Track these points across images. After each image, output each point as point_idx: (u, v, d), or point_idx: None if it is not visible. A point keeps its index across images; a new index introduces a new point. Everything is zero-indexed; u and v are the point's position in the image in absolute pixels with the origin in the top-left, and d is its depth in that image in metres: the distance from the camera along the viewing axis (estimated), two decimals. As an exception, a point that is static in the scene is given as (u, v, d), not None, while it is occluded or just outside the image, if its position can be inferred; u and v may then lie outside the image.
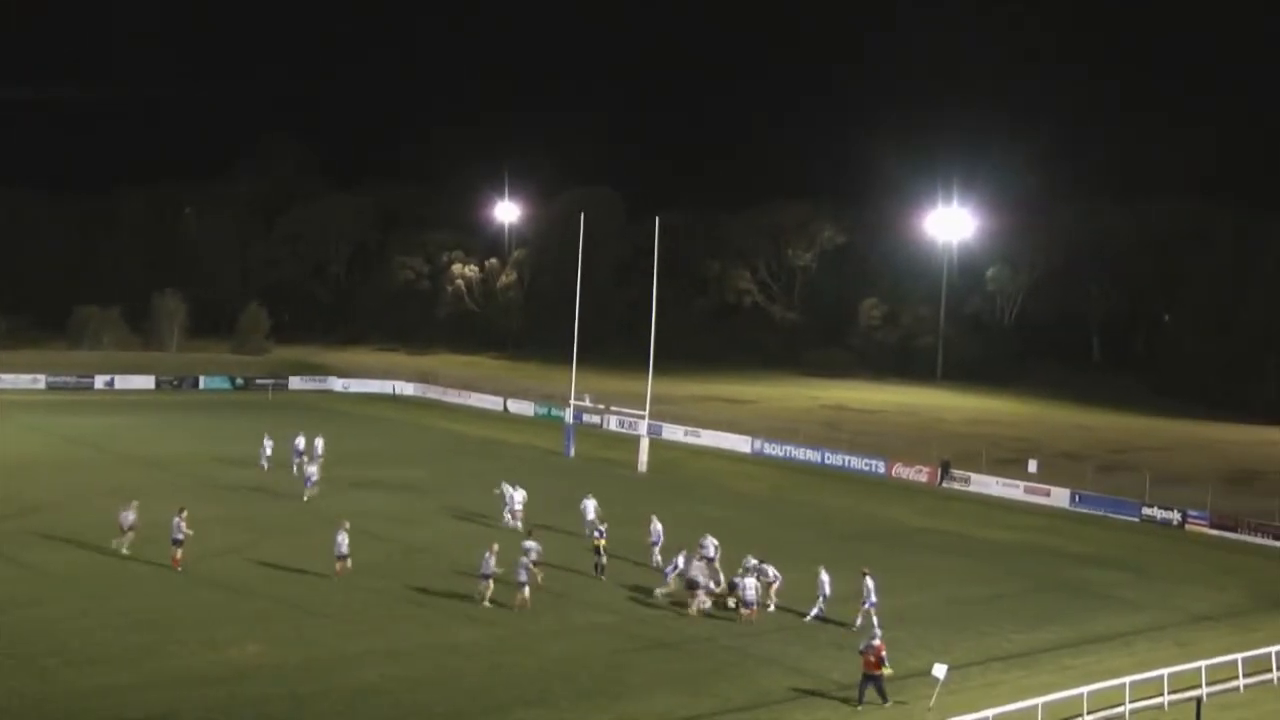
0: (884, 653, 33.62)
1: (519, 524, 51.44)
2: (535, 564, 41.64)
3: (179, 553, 43.36)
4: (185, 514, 44.02)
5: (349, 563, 42.95)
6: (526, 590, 40.15)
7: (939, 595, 45.34)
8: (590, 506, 51.79)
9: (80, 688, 31.78)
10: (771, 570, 42.08)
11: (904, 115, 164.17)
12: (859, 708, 33.17)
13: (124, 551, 44.63)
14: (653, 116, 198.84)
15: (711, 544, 44.66)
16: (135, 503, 46.04)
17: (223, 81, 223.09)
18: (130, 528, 45.07)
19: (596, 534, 46.46)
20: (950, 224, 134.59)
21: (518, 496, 52.75)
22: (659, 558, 45.90)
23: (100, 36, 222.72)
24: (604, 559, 45.33)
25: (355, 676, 33.49)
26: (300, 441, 64.64)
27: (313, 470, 58.80)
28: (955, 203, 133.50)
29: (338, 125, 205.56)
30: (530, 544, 42.13)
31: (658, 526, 47.58)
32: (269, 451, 65.10)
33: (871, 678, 33.47)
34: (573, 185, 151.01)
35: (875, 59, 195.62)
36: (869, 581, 40.25)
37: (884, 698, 33.36)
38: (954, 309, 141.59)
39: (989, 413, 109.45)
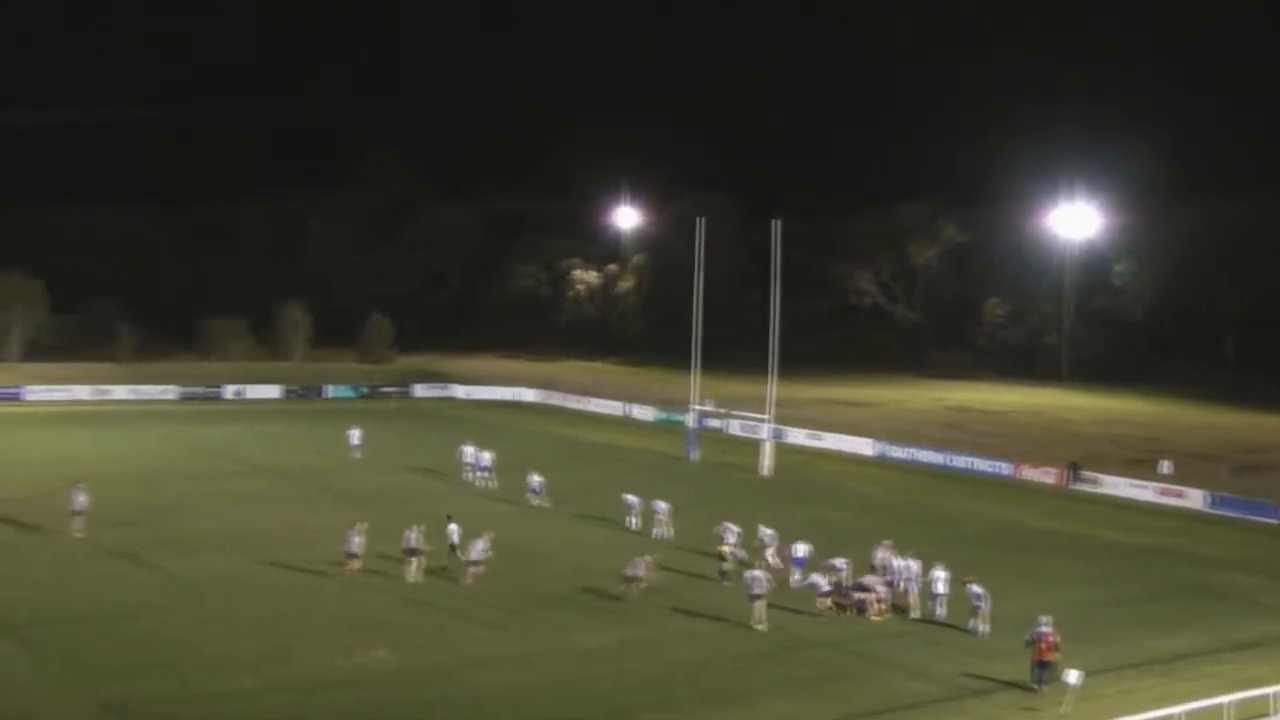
0: (1055, 638, 33.73)
1: (667, 532, 51.70)
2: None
3: (354, 565, 43.63)
4: (361, 526, 44.44)
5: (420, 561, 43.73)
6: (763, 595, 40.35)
7: (1067, 599, 44.50)
8: (662, 507, 52.64)
9: (212, 691, 32.43)
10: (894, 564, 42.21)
11: (1027, 111, 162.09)
12: (1042, 690, 33.40)
13: (76, 535, 47.74)
14: (770, 119, 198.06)
15: (802, 546, 45.39)
16: (82, 484, 49.35)
17: (337, 92, 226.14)
18: (78, 511, 48.31)
19: (727, 539, 46.52)
20: (1075, 220, 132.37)
21: (661, 506, 52.79)
22: (774, 560, 45.69)
23: (211, 51, 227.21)
24: (729, 565, 45.24)
25: (481, 681, 33.74)
26: (469, 451, 66.17)
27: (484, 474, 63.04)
28: (1080, 199, 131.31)
29: (455, 134, 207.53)
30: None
31: (766, 531, 47.38)
32: (468, 459, 66.09)
33: (1043, 664, 33.34)
34: (690, 190, 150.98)
35: (996, 55, 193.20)
36: (975, 588, 39.85)
37: (1034, 683, 33.64)
38: (1080, 307, 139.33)
39: (1116, 413, 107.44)
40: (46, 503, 53.64)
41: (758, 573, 40.41)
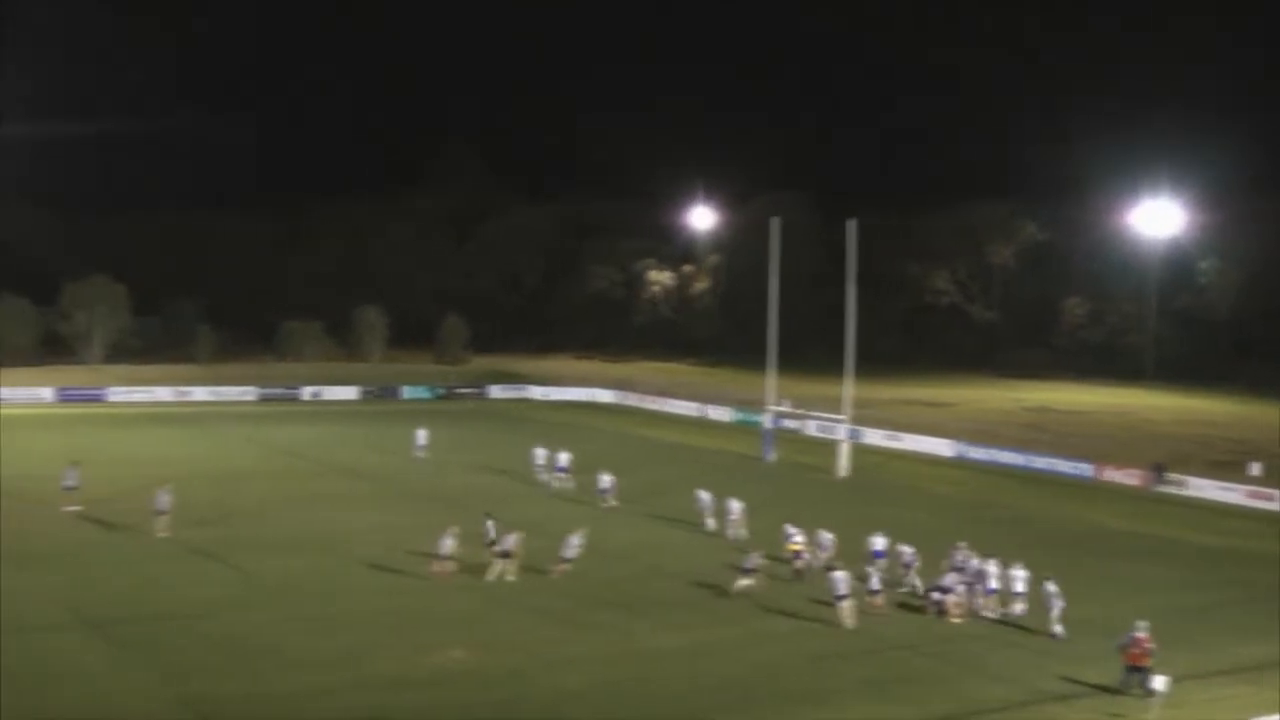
0: (1150, 645, 33.40)
1: (741, 533, 51.59)
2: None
3: (448, 567, 43.80)
4: (455, 530, 44.65)
5: (567, 566, 44.11)
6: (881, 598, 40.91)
7: (1151, 604, 43.70)
8: (736, 507, 52.40)
9: (289, 689, 32.64)
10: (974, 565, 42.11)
11: (1109, 105, 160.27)
12: (1142, 695, 32.86)
13: (161, 535, 48.69)
14: (845, 117, 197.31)
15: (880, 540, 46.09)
16: (168, 485, 50.28)
17: (414, 94, 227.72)
18: (163, 511, 49.14)
19: (787, 538, 46.53)
20: (1158, 218, 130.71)
21: (735, 506, 52.62)
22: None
23: (286, 53, 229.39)
24: (801, 564, 45.17)
25: (557, 683, 33.72)
26: (541, 453, 66.43)
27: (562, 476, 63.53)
28: (1163, 195, 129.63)
29: (530, 134, 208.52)
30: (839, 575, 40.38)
31: (826, 536, 47.00)
32: (540, 461, 66.29)
33: (1136, 669, 33.11)
34: (765, 189, 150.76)
35: (1078, 49, 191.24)
36: (1050, 587, 39.54)
37: (1124, 688, 33.27)
38: (1163, 305, 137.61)
39: (1201, 413, 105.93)
40: (128, 502, 54.44)
41: (840, 573, 40.16)
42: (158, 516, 49.60)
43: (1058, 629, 39.03)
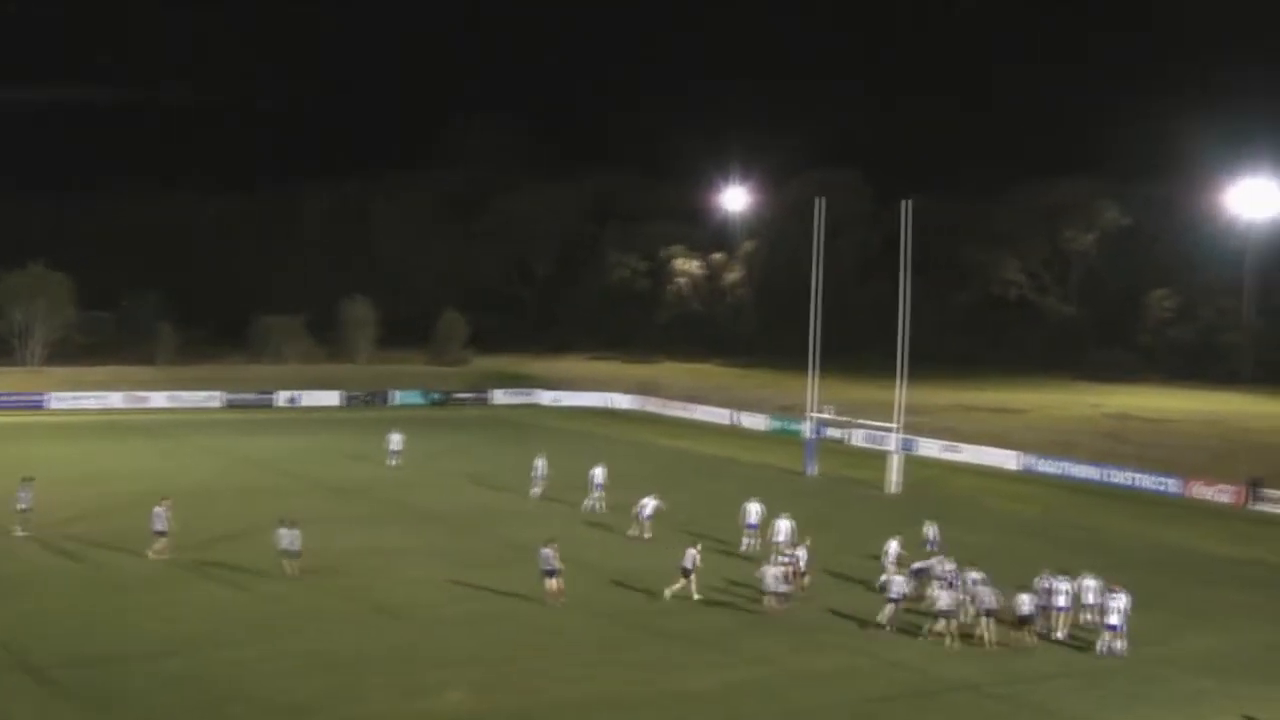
0: None
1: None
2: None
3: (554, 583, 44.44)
4: (556, 546, 45.03)
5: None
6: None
7: (1250, 639, 43.72)
8: (785, 527, 51.93)
9: (263, 738, 32.70)
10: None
11: (1201, 75, 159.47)
12: None
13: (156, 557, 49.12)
14: (900, 84, 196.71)
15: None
16: (167, 501, 50.61)
17: (412, 61, 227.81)
18: (161, 532, 49.56)
19: (786, 559, 46.91)
20: (1258, 199, 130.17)
21: (784, 526, 52.55)
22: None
23: (268, 15, 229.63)
24: (789, 588, 45.27)
25: (568, 728, 33.79)
26: (540, 465, 67.16)
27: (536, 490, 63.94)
28: (1263, 175, 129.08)
29: (541, 106, 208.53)
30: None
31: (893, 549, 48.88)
32: (540, 473, 66.84)
33: None
34: (810, 167, 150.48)
35: (1163, 12, 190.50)
36: (1120, 600, 40.62)
37: None
38: (1263, 299, 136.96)
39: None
40: (81, 525, 54.58)
41: (897, 577, 42.05)
42: (156, 538, 50.01)
43: (1119, 645, 40.25)
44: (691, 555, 45.88)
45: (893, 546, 48.58)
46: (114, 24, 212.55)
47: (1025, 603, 41.09)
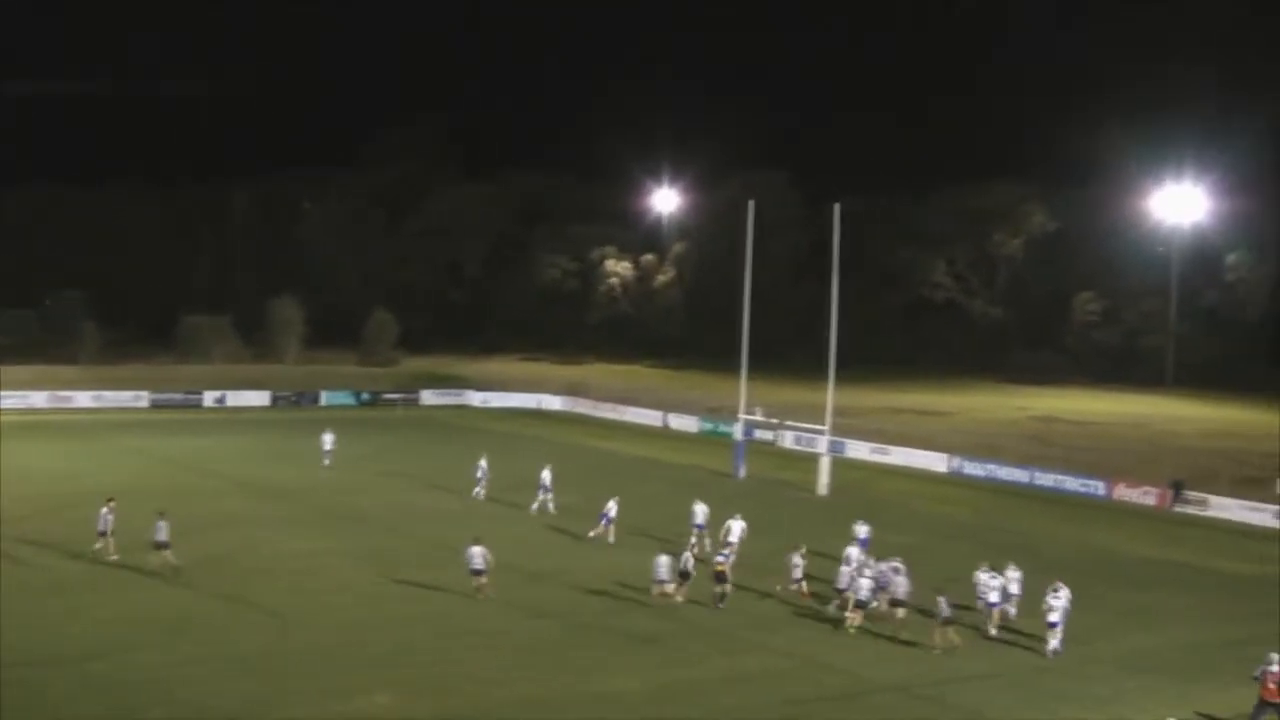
0: None
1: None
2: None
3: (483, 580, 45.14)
4: (483, 544, 45.56)
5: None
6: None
7: (1172, 639, 44.17)
8: (738, 528, 52.07)
9: (181, 742, 32.35)
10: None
11: (1128, 82, 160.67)
12: None
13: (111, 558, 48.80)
14: (831, 89, 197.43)
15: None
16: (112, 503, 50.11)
17: (342, 59, 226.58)
18: (104, 532, 49.16)
19: (720, 558, 46.71)
20: (1182, 204, 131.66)
21: (736, 528, 52.40)
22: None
23: (196, 10, 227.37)
24: (727, 588, 45.44)
25: (493, 730, 33.63)
26: (483, 466, 66.89)
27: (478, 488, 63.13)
28: (1186, 181, 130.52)
29: (473, 106, 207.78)
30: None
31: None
32: (484, 473, 66.79)
33: (1269, 704, 33.47)
34: (740, 169, 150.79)
35: (1090, 20, 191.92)
36: (1058, 598, 41.41)
37: None
38: (1187, 303, 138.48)
39: (1229, 424, 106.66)
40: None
41: (863, 580, 42.77)
42: (101, 538, 49.59)
43: (1054, 642, 40.74)
44: (686, 559, 46.21)
45: (854, 552, 47.95)
46: (35, 12, 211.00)
47: (943, 605, 41.16)
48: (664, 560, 44.94)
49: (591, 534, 56.38)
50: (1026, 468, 79.19)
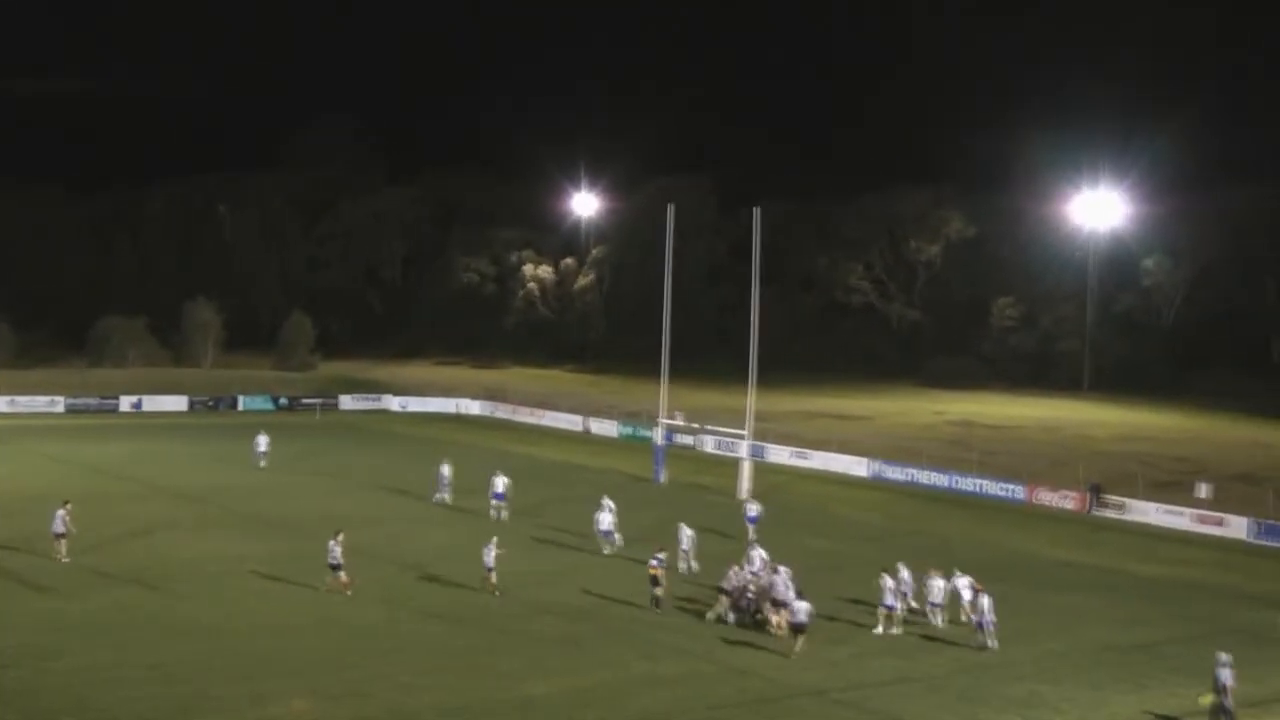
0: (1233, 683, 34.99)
1: (694, 565, 51.65)
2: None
3: (342, 575, 45.73)
4: (341, 537, 46.38)
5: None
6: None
7: (1090, 641, 44.61)
8: (687, 535, 52.45)
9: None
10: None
11: (1044, 86, 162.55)
12: None
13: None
14: (747, 92, 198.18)
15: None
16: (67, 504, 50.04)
17: (257, 63, 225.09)
18: (60, 534, 49.42)
19: (654, 562, 46.76)
20: (1098, 210, 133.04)
21: (685, 536, 52.55)
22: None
23: (119, 16, 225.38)
24: (661, 590, 45.70)
25: (411, 735, 33.54)
26: (446, 471, 67.05)
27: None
28: (1103, 186, 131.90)
29: (387, 109, 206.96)
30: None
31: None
32: (448, 478, 66.85)
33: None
34: (658, 173, 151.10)
35: (1012, 24, 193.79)
36: (983, 600, 42.41)
37: None
38: (1103, 308, 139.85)
39: (1145, 428, 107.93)
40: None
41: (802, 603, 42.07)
42: (56, 540, 49.48)
43: (992, 643, 42.00)
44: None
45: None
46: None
47: (800, 610, 41.32)
48: (492, 551, 46.57)
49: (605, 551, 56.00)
50: (947, 472, 79.67)
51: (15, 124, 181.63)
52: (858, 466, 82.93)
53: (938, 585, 45.00)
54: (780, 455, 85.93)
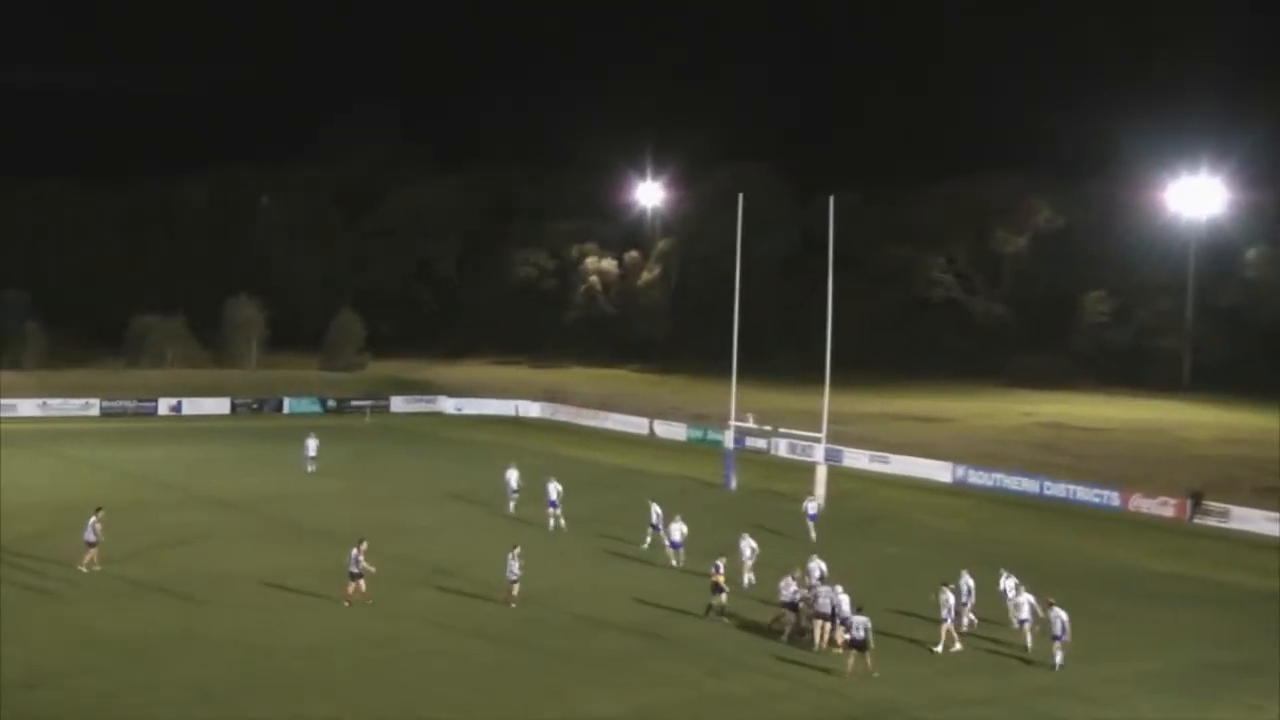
0: None
1: (751, 578, 51.40)
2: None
3: (361, 585, 45.95)
4: (365, 546, 46.46)
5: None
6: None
7: (1189, 657, 44.13)
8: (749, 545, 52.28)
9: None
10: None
11: (1139, 72, 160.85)
12: None
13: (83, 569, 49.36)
14: (825, 74, 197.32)
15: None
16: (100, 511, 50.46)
17: (302, 47, 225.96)
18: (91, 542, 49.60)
19: (714, 569, 46.75)
20: (1198, 198, 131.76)
21: (748, 547, 52.27)
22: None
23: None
24: (723, 598, 45.97)
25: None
26: (514, 476, 67.13)
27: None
28: (1204, 172, 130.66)
29: (443, 95, 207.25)
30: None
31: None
32: (514, 485, 66.89)
33: None
34: (729, 160, 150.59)
35: (1101, 8, 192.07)
36: (1059, 613, 41.69)
37: None
38: (1202, 302, 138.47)
39: (1248, 430, 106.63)
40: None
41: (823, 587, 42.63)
42: (88, 549, 49.81)
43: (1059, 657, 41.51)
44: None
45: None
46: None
47: (858, 625, 40.90)
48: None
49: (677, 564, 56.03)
50: (1035, 477, 79.11)
51: (38, 118, 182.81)
52: (940, 471, 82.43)
53: (1026, 601, 44.17)
54: (858, 459, 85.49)
